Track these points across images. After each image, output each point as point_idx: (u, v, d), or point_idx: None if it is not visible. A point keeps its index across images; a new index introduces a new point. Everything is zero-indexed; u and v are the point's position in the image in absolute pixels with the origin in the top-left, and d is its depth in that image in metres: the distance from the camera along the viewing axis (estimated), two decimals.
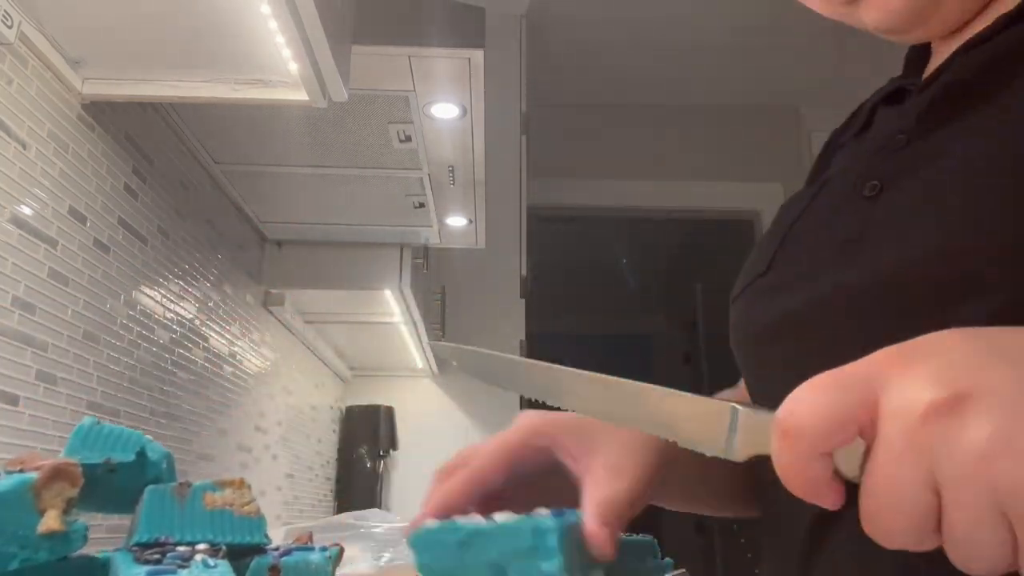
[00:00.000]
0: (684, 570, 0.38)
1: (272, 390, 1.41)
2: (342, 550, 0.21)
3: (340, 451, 1.90)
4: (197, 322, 1.07)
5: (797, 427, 0.18)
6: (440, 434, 1.97)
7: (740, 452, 0.20)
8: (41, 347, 0.70)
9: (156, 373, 0.93)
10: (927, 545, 0.17)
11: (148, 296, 0.92)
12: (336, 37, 0.73)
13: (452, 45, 0.87)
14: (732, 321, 0.35)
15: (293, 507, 1.54)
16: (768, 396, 0.32)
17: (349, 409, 1.94)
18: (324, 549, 0.20)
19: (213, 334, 1.13)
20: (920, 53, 0.34)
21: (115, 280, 0.84)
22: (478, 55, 0.87)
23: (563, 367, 0.25)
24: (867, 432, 0.18)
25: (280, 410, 1.46)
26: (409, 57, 0.86)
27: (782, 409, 0.19)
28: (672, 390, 0.22)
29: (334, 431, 1.90)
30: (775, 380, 0.31)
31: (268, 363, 1.39)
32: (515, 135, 2.01)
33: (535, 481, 0.32)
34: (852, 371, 0.19)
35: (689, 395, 0.21)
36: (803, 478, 0.18)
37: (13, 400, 0.66)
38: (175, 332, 0.99)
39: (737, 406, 0.20)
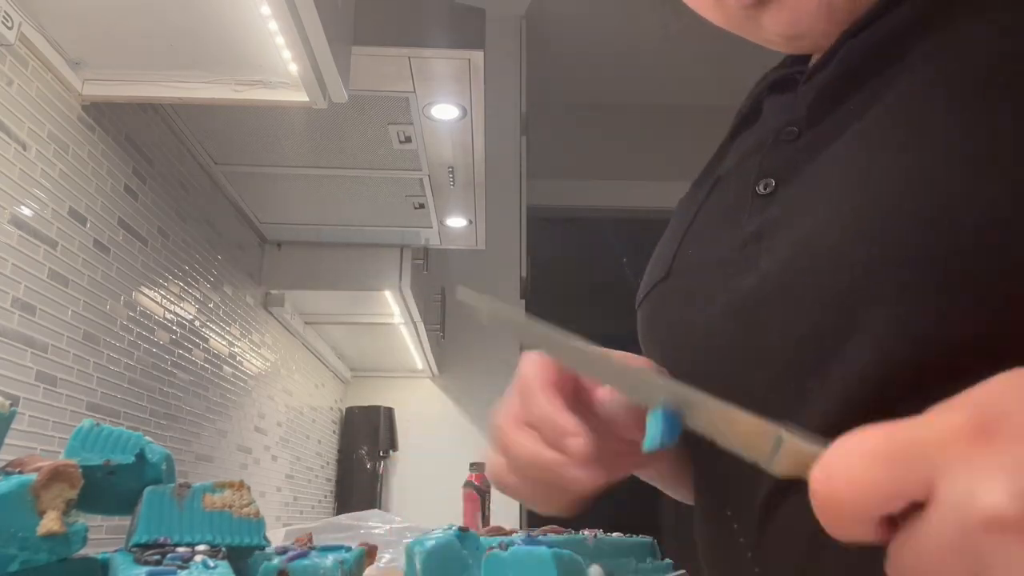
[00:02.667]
0: (684, 571, 0.38)
1: (272, 391, 1.41)
2: (372, 548, 0.20)
3: (340, 452, 1.90)
4: (197, 323, 1.07)
5: (834, 497, 0.17)
6: (440, 435, 1.97)
7: (783, 473, 0.19)
8: (41, 348, 0.70)
9: (156, 374, 0.93)
10: None
11: (148, 297, 0.92)
12: (336, 38, 0.73)
13: (452, 46, 0.87)
14: (639, 327, 0.34)
15: (293, 508, 1.54)
16: None
17: (349, 410, 1.94)
18: (349, 549, 0.19)
19: (213, 335, 1.13)
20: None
21: (115, 281, 0.84)
22: (478, 56, 0.87)
23: (622, 356, 0.24)
24: (919, 499, 0.16)
25: (280, 411, 1.46)
26: (409, 58, 0.86)
27: (821, 467, 0.17)
28: (714, 401, 0.21)
29: (334, 432, 1.90)
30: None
31: (268, 364, 1.39)
32: (515, 136, 2.01)
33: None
34: (911, 442, 0.16)
35: (733, 411, 0.20)
36: (841, 534, 0.17)
37: (13, 401, 0.66)
38: (175, 333, 0.99)
39: (783, 433, 0.19)
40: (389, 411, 1.93)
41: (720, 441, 0.20)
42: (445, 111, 0.97)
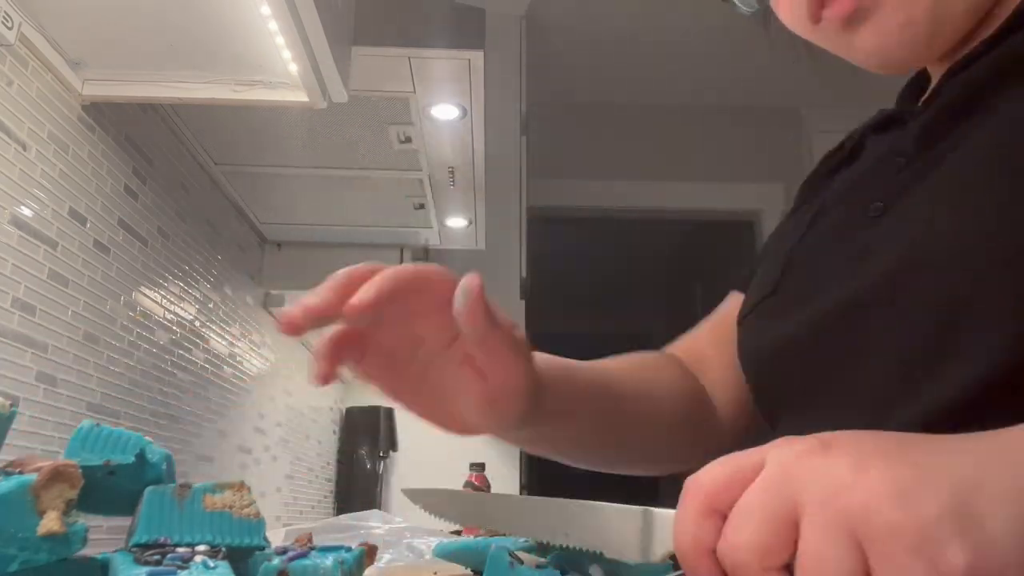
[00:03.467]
0: (684, 571, 0.37)
1: (272, 391, 1.41)
2: (372, 548, 0.20)
3: (340, 452, 1.90)
4: (197, 323, 1.07)
5: (696, 486, 0.20)
6: (440, 435, 1.96)
7: (658, 553, 0.21)
8: (41, 348, 0.70)
9: (156, 374, 0.93)
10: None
11: (148, 297, 0.92)
12: (336, 38, 0.73)
13: (452, 46, 0.87)
14: (739, 341, 0.35)
15: (293, 508, 1.54)
16: (779, 417, 0.33)
17: (349, 410, 1.94)
18: (349, 549, 0.19)
19: (213, 335, 1.13)
20: (915, 85, 0.35)
21: (115, 281, 0.84)
22: (478, 56, 0.87)
23: (502, 495, 0.28)
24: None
25: (280, 411, 1.46)
26: (409, 58, 0.86)
27: (687, 481, 0.20)
28: (591, 506, 0.23)
29: (334, 432, 1.90)
30: (784, 401, 0.31)
31: (268, 364, 1.39)
32: (515, 136, 2.01)
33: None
34: (749, 449, 0.20)
35: (608, 507, 0.23)
36: (690, 535, 0.19)
37: (13, 402, 0.66)
38: (175, 333, 0.99)
39: (652, 508, 0.22)
40: (389, 411, 1.93)
41: (607, 550, 0.22)
42: (445, 111, 0.97)
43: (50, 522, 0.16)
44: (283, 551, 0.19)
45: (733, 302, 0.42)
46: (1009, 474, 0.17)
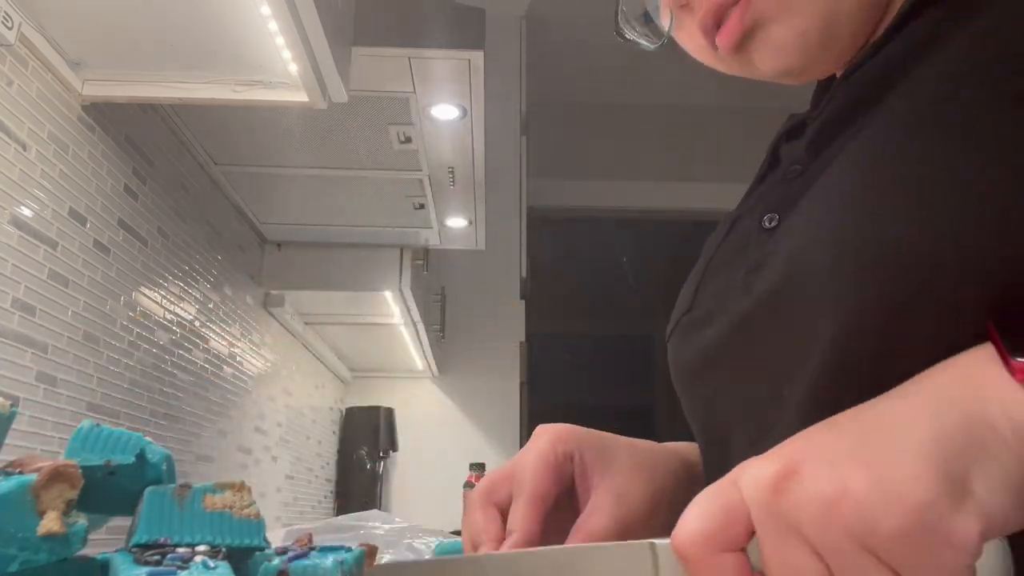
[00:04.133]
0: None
1: (272, 391, 1.41)
2: (372, 549, 0.20)
3: (340, 452, 1.90)
4: (197, 323, 1.07)
5: (684, 545, 0.20)
6: (440, 436, 1.97)
7: None
8: (41, 348, 0.70)
9: (156, 374, 0.93)
10: None
11: (148, 297, 0.92)
12: (336, 38, 0.73)
13: (452, 46, 0.87)
14: (669, 358, 0.36)
15: (293, 508, 1.54)
16: (702, 431, 0.33)
17: (349, 410, 1.94)
18: (349, 550, 0.19)
19: (213, 335, 1.13)
20: (823, 89, 0.36)
21: (115, 281, 0.84)
22: (478, 56, 0.87)
23: (485, 554, 0.26)
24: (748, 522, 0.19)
25: (280, 411, 1.46)
26: (409, 58, 0.86)
27: (673, 535, 0.20)
28: (586, 548, 0.23)
29: (334, 432, 1.90)
30: (705, 414, 0.33)
31: (268, 364, 1.39)
32: (515, 136, 2.01)
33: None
34: (721, 480, 0.21)
35: (605, 548, 0.23)
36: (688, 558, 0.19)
37: (13, 402, 0.66)
38: (175, 333, 0.99)
39: (654, 541, 0.21)
40: (389, 411, 1.93)
41: None
42: (445, 111, 0.97)
43: (50, 522, 0.16)
44: (283, 551, 0.19)
45: None
46: (961, 425, 0.18)
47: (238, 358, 1.23)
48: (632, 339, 3.27)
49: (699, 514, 0.20)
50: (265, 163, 1.08)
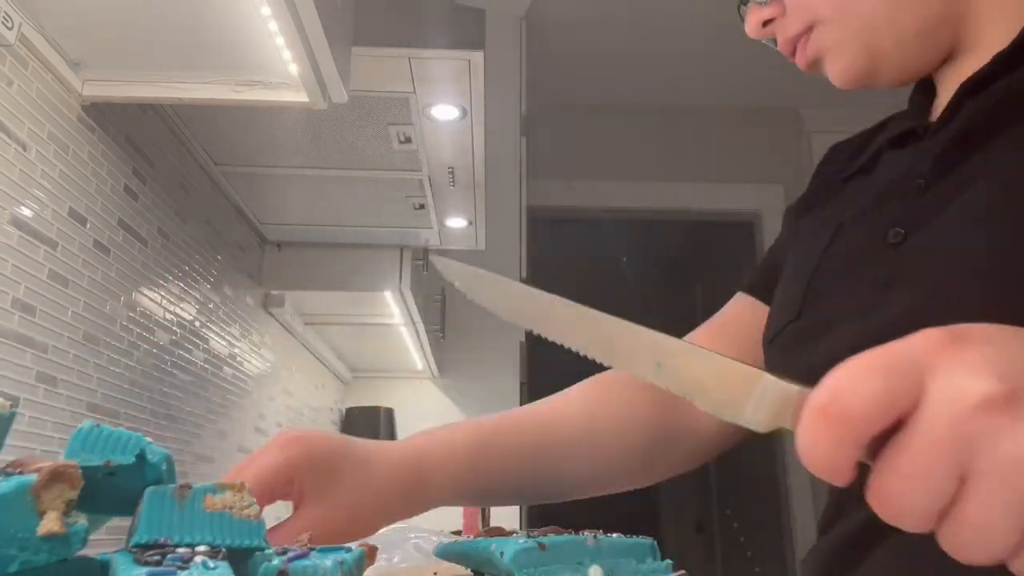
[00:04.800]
0: (684, 571, 0.37)
1: (272, 392, 1.41)
2: (372, 549, 0.20)
3: None
4: (197, 324, 1.07)
5: (840, 413, 0.17)
6: None
7: (764, 423, 0.20)
8: (41, 348, 0.70)
9: (156, 375, 0.93)
10: (925, 527, 0.17)
11: (148, 298, 0.92)
12: (336, 39, 0.73)
13: (452, 47, 0.87)
14: (768, 363, 0.36)
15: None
16: None
17: (349, 411, 1.94)
18: (349, 550, 0.19)
19: (213, 336, 1.13)
20: (924, 91, 0.37)
21: (115, 282, 0.84)
22: (478, 56, 0.87)
23: (586, 309, 0.24)
24: (908, 415, 0.17)
25: (280, 412, 1.46)
26: (409, 59, 0.86)
27: (823, 389, 0.18)
28: (693, 347, 0.21)
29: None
30: None
31: (268, 365, 1.39)
32: (515, 136, 2.01)
33: None
34: (898, 353, 0.18)
35: (713, 355, 0.21)
36: (832, 462, 0.18)
37: (13, 402, 0.66)
38: (175, 334, 0.99)
39: (766, 373, 0.20)
40: (389, 412, 1.93)
41: (690, 398, 0.21)
42: (445, 111, 0.97)
43: (50, 523, 0.16)
44: (283, 552, 0.19)
45: (739, 305, 0.43)
46: None
47: (238, 358, 1.23)
48: None
49: (869, 391, 0.17)
50: (265, 163, 1.08)
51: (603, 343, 0.23)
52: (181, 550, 0.18)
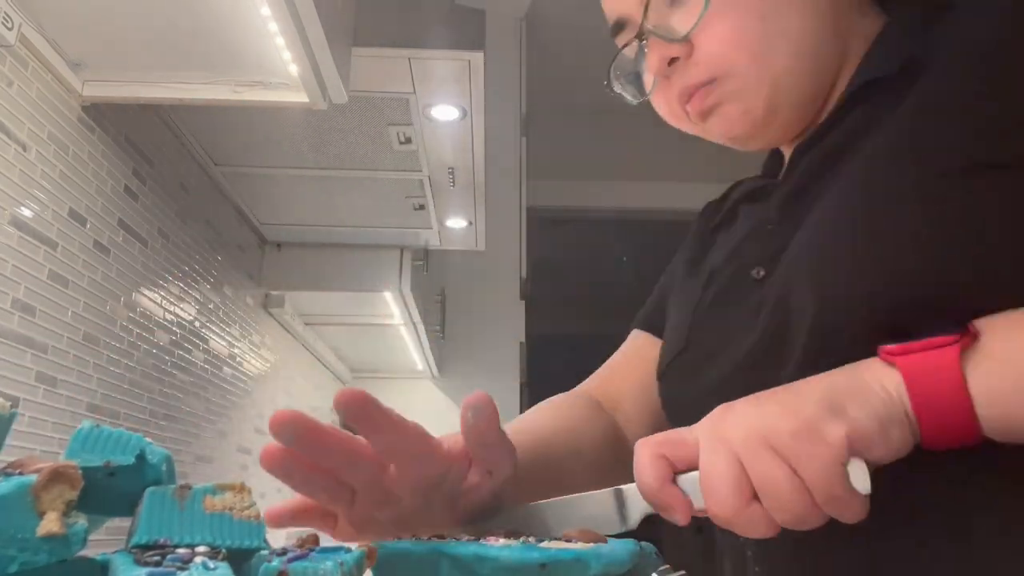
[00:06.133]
0: (684, 572, 0.38)
1: (272, 392, 1.41)
2: (373, 550, 0.20)
3: None
4: (197, 324, 1.07)
5: (644, 441, 0.29)
6: (440, 436, 1.96)
7: (634, 516, 0.29)
8: (41, 349, 0.70)
9: (156, 375, 0.93)
10: (749, 513, 0.27)
11: (148, 298, 0.92)
12: (336, 39, 0.73)
13: (452, 47, 0.87)
14: (662, 395, 0.42)
15: None
16: None
17: None
18: (349, 551, 0.19)
19: (213, 336, 1.13)
20: (775, 158, 0.44)
21: (115, 282, 0.84)
22: (478, 57, 0.87)
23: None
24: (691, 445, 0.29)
25: None
26: (409, 59, 0.86)
27: (638, 442, 0.29)
28: (563, 499, 0.29)
29: None
30: None
31: (268, 365, 1.39)
32: (515, 137, 2.02)
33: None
34: (675, 432, 0.30)
35: (582, 495, 0.29)
36: (651, 474, 0.28)
37: (13, 402, 0.66)
38: (175, 334, 0.99)
39: (608, 489, 0.29)
40: None
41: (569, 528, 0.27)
42: (445, 112, 0.97)
43: (50, 523, 0.16)
44: (283, 552, 0.19)
45: (638, 340, 0.48)
46: (845, 383, 0.28)
47: (238, 359, 1.23)
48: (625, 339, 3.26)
49: (658, 440, 0.28)
50: (265, 164, 1.08)
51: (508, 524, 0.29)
52: (181, 551, 0.18)
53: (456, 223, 1.33)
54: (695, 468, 0.28)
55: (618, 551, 0.23)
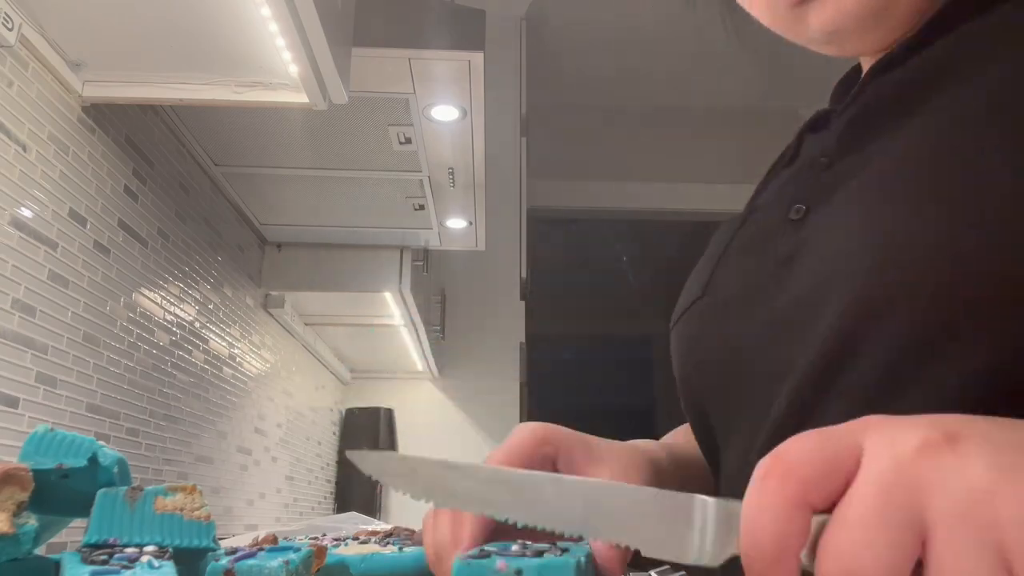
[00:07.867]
0: (683, 572, 0.37)
1: (272, 392, 1.42)
2: (321, 549, 0.20)
3: (340, 453, 1.90)
4: (197, 324, 1.07)
5: (785, 469, 0.17)
6: (440, 436, 1.97)
7: (713, 553, 0.18)
8: (41, 349, 0.70)
9: (156, 375, 0.94)
10: None
11: (148, 298, 0.92)
12: (336, 39, 0.73)
13: (452, 47, 0.87)
14: (673, 344, 0.35)
15: (293, 509, 1.54)
16: (708, 423, 0.32)
17: (349, 411, 1.94)
18: (298, 550, 0.19)
19: (213, 336, 1.13)
20: (846, 83, 0.36)
21: (115, 282, 0.84)
22: (478, 57, 0.87)
23: (501, 468, 0.22)
24: (852, 478, 0.17)
25: (280, 412, 1.46)
26: (409, 59, 0.86)
27: (767, 458, 0.17)
28: (619, 485, 0.19)
29: (334, 433, 1.90)
30: (712, 409, 0.32)
31: (268, 365, 1.39)
32: (515, 137, 2.01)
33: None
34: (836, 427, 0.18)
35: (640, 489, 0.19)
36: (779, 527, 0.16)
37: (13, 402, 0.66)
38: (175, 334, 1.00)
39: (704, 497, 0.18)
40: (389, 412, 1.93)
41: (638, 543, 0.18)
42: (445, 112, 0.97)
43: (0, 523, 0.16)
44: (232, 552, 0.19)
45: None
46: None
47: (238, 359, 1.24)
48: (632, 339, 3.25)
49: (810, 449, 0.17)
50: (265, 164, 1.08)
51: (527, 502, 0.20)
52: (129, 550, 0.18)
53: (456, 223, 1.33)
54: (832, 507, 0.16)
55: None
